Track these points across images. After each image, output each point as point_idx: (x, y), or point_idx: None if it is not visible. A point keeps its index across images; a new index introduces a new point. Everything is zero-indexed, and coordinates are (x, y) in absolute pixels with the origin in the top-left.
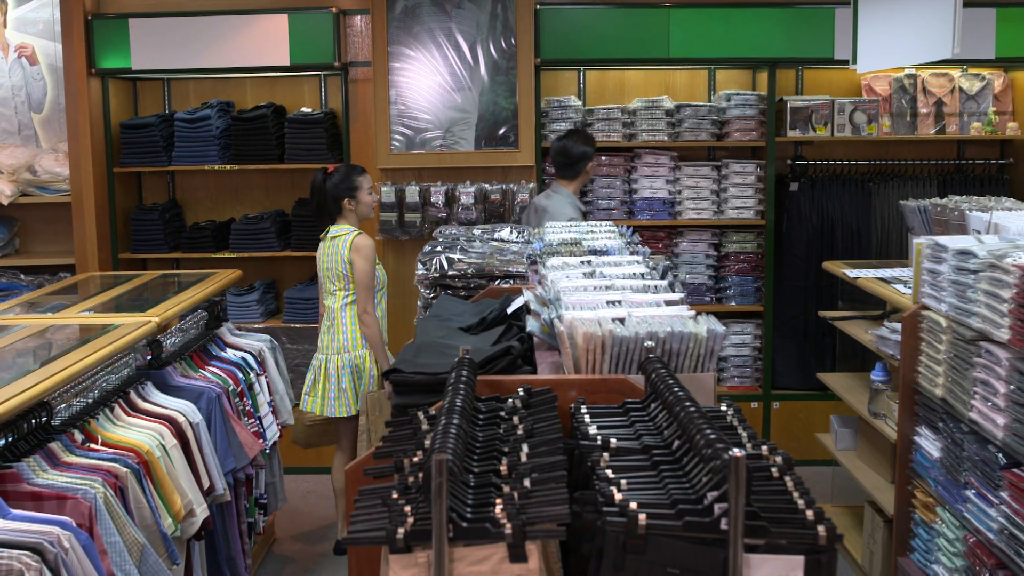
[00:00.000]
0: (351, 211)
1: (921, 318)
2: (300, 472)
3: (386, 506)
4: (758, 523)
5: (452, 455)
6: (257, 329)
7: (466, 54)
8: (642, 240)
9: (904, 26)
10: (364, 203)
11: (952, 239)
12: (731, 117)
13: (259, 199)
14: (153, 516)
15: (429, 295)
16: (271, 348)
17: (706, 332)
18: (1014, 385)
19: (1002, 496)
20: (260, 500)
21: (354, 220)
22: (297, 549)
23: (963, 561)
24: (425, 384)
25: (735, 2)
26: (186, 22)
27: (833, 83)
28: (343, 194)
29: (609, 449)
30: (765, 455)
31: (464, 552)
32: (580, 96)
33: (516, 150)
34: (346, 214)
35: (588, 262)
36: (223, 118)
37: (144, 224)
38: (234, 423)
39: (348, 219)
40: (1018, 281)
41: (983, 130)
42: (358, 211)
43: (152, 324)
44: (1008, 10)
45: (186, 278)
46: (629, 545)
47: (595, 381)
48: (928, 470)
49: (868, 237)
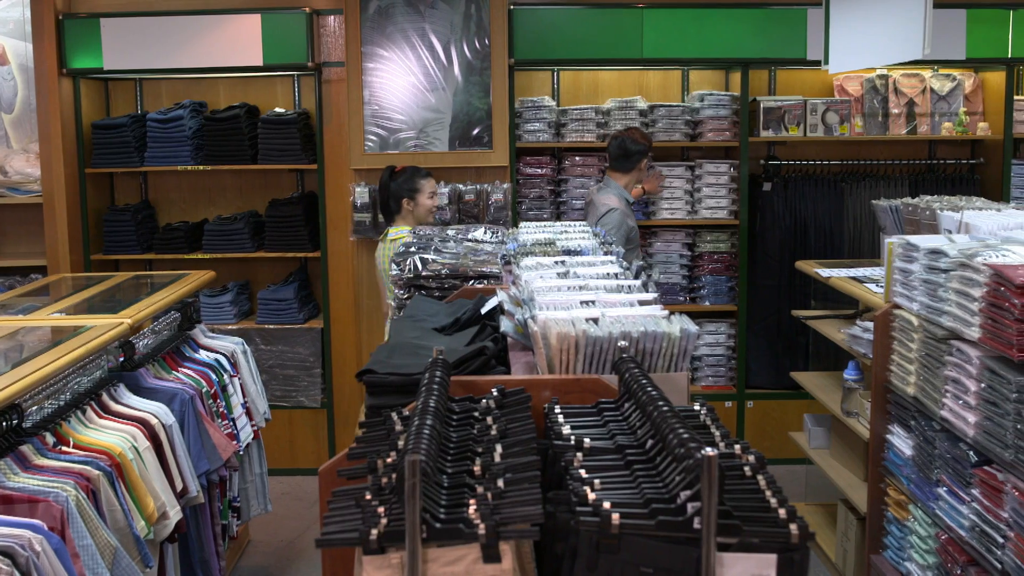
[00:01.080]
0: (409, 212)
1: (893, 317)
2: (275, 474)
3: (359, 507)
4: (731, 522)
5: (425, 456)
6: (231, 330)
7: (440, 54)
8: None
9: (875, 27)
10: (422, 205)
11: (923, 238)
12: (704, 117)
13: (232, 200)
14: (126, 519)
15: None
16: (244, 350)
17: (679, 332)
18: (985, 383)
19: (973, 493)
20: (234, 503)
21: (411, 222)
22: (272, 551)
23: (935, 558)
24: (399, 385)
25: (708, 3)
26: (158, 22)
27: (805, 83)
28: (404, 194)
29: (582, 449)
30: (738, 454)
31: (437, 553)
32: (554, 96)
33: (490, 150)
34: (404, 214)
35: (562, 262)
36: (196, 118)
37: (116, 225)
38: (207, 425)
39: (406, 220)
40: (988, 280)
41: (954, 130)
42: (416, 213)
43: (125, 326)
44: (978, 11)
45: (159, 279)
46: (602, 545)
47: (569, 381)
48: (900, 468)
49: (841, 237)
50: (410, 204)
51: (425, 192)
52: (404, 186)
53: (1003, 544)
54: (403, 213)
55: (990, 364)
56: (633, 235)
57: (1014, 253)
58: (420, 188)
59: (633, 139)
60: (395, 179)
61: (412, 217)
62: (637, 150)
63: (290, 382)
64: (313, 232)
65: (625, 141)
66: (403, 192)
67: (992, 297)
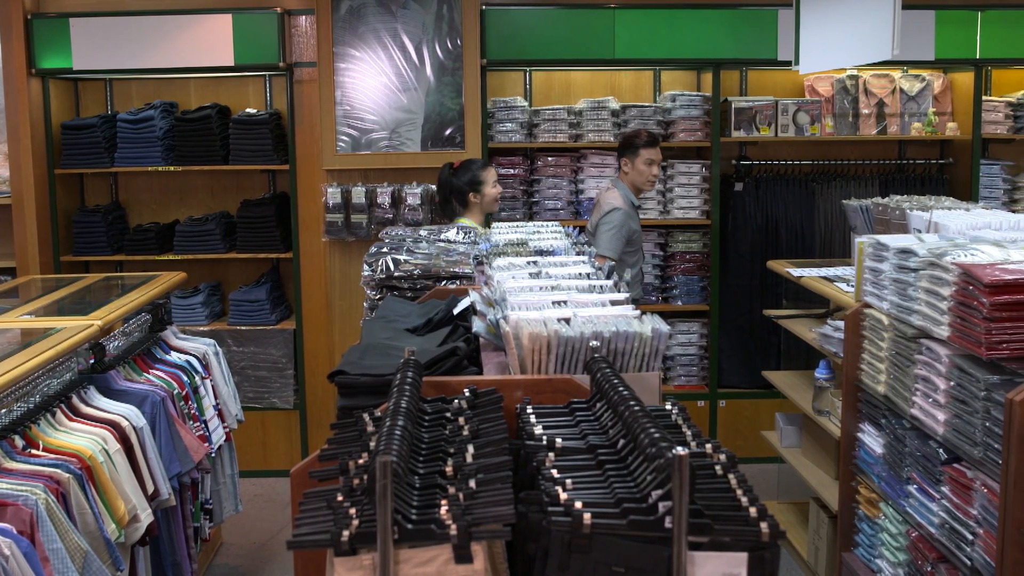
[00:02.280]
0: (476, 204)
1: (863, 316)
2: (248, 476)
3: (331, 509)
4: (702, 521)
5: (397, 457)
6: (202, 332)
7: (412, 55)
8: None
9: (845, 28)
10: (488, 195)
11: (893, 238)
12: (676, 118)
13: (203, 200)
14: (96, 522)
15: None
16: (215, 352)
17: (651, 331)
18: (954, 381)
19: (943, 491)
20: (206, 505)
21: (478, 213)
22: (244, 553)
23: (906, 555)
24: (371, 386)
25: (679, 3)
26: (128, 22)
27: (776, 84)
28: (469, 188)
29: (554, 449)
30: (709, 453)
31: (409, 554)
32: (526, 97)
33: (462, 151)
34: (471, 207)
35: (534, 262)
36: (166, 119)
37: (86, 226)
38: (179, 427)
39: (472, 213)
40: (957, 279)
41: (923, 130)
42: (483, 204)
43: (95, 327)
44: (946, 12)
45: (129, 281)
46: (574, 544)
47: (541, 381)
48: (871, 466)
49: (812, 236)
50: (476, 197)
51: (489, 182)
52: (468, 180)
53: (972, 541)
54: (470, 206)
55: (959, 362)
56: (635, 237)
57: (982, 252)
58: (484, 180)
59: (628, 136)
60: (456, 175)
61: (479, 209)
62: (626, 146)
63: (262, 383)
64: (285, 233)
65: (629, 134)
66: (468, 187)
67: (961, 296)
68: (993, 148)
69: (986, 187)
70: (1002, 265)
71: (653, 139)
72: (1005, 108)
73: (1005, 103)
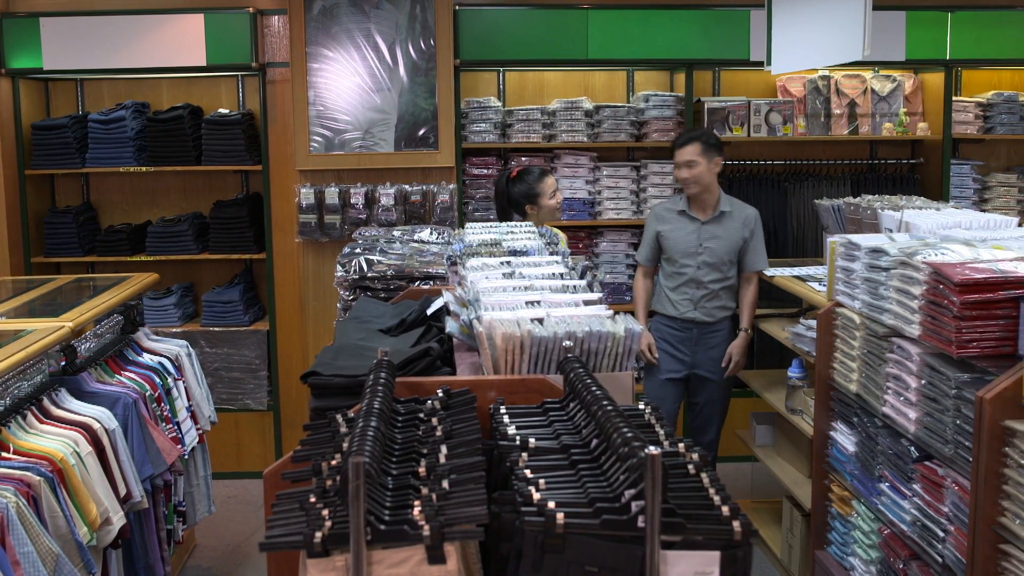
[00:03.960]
0: (534, 215)
1: (835, 315)
2: (221, 477)
3: (304, 510)
4: (675, 520)
5: (369, 458)
6: (175, 333)
7: (385, 55)
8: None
9: (816, 28)
10: (546, 208)
11: (865, 237)
12: (650, 118)
13: (176, 201)
14: (68, 525)
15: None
16: (188, 353)
17: (624, 331)
18: (925, 380)
19: (914, 488)
20: (179, 507)
21: (537, 222)
22: (218, 555)
23: (878, 553)
24: (344, 387)
25: (652, 4)
26: (99, 21)
27: (749, 84)
28: (526, 201)
29: (528, 449)
30: (682, 452)
31: (382, 555)
32: (500, 97)
33: (436, 151)
34: (530, 218)
35: (508, 263)
36: (138, 119)
37: (57, 227)
38: (151, 429)
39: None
40: (928, 278)
41: (894, 130)
42: (540, 215)
43: (66, 329)
44: (917, 13)
45: (101, 282)
46: (547, 544)
47: (514, 381)
48: (844, 464)
49: (784, 236)
50: (533, 209)
51: (546, 195)
52: (523, 193)
53: (944, 538)
54: (528, 217)
55: (930, 361)
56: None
57: (953, 252)
58: (541, 192)
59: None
60: (513, 184)
61: (537, 219)
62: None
63: (236, 385)
64: (258, 234)
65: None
66: (524, 199)
67: (931, 295)
68: (963, 148)
69: (956, 187)
70: (972, 264)
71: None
72: (975, 108)
73: (975, 103)
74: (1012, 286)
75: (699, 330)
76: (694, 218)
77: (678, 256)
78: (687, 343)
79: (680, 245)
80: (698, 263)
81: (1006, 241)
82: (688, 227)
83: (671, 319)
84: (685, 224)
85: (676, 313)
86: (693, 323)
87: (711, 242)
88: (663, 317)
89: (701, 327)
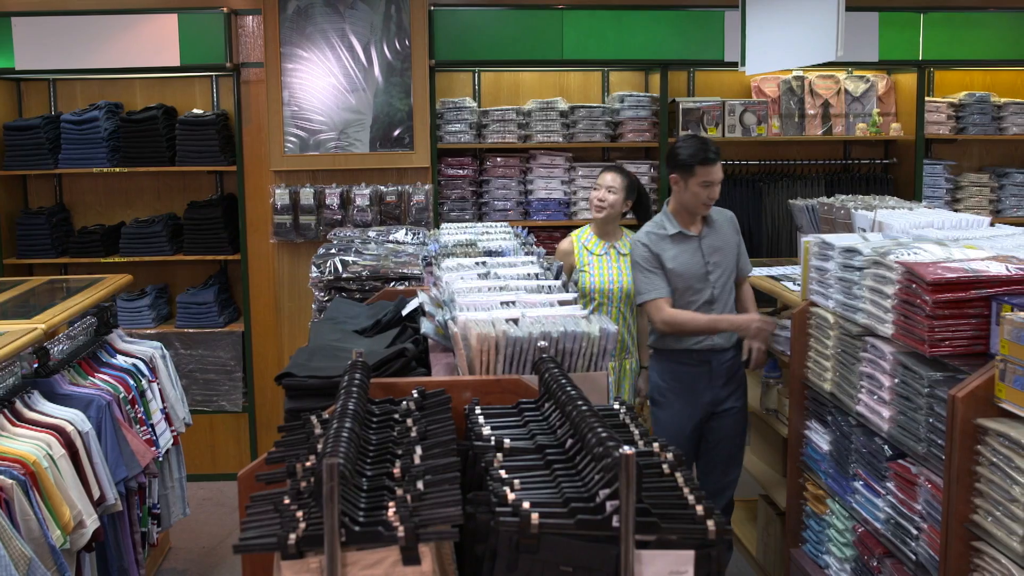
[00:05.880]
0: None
1: (810, 314)
2: (196, 479)
3: (278, 512)
4: (649, 519)
5: (343, 459)
6: (149, 335)
7: (360, 55)
8: (537, 240)
9: (790, 29)
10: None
11: (839, 237)
12: (624, 118)
13: (150, 202)
14: (41, 528)
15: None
16: (162, 355)
17: (598, 331)
18: (898, 378)
19: (888, 487)
20: (153, 510)
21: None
22: (193, 558)
23: (852, 551)
24: (318, 388)
25: (627, 5)
26: (72, 21)
27: (724, 85)
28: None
29: (503, 449)
30: (656, 452)
31: (357, 556)
32: (475, 97)
33: (411, 151)
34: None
35: (483, 263)
36: (111, 120)
37: (30, 229)
38: (125, 431)
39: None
40: (901, 278)
41: (868, 131)
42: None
43: (38, 331)
44: (890, 14)
45: (74, 283)
46: (522, 545)
47: (489, 382)
48: (818, 463)
49: (759, 236)
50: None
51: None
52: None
53: (917, 536)
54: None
55: (903, 360)
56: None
57: (925, 251)
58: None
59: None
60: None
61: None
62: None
63: (211, 386)
64: (233, 235)
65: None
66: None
67: (904, 294)
68: (936, 148)
69: (929, 186)
70: (944, 263)
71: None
72: (947, 109)
73: (947, 104)
74: (984, 285)
75: (716, 359)
76: (690, 236)
77: (693, 282)
78: (703, 378)
79: (691, 269)
80: (712, 282)
81: (978, 241)
82: (690, 247)
83: (686, 353)
84: (685, 246)
85: (691, 344)
86: (712, 352)
87: (715, 256)
88: (673, 354)
89: (718, 356)
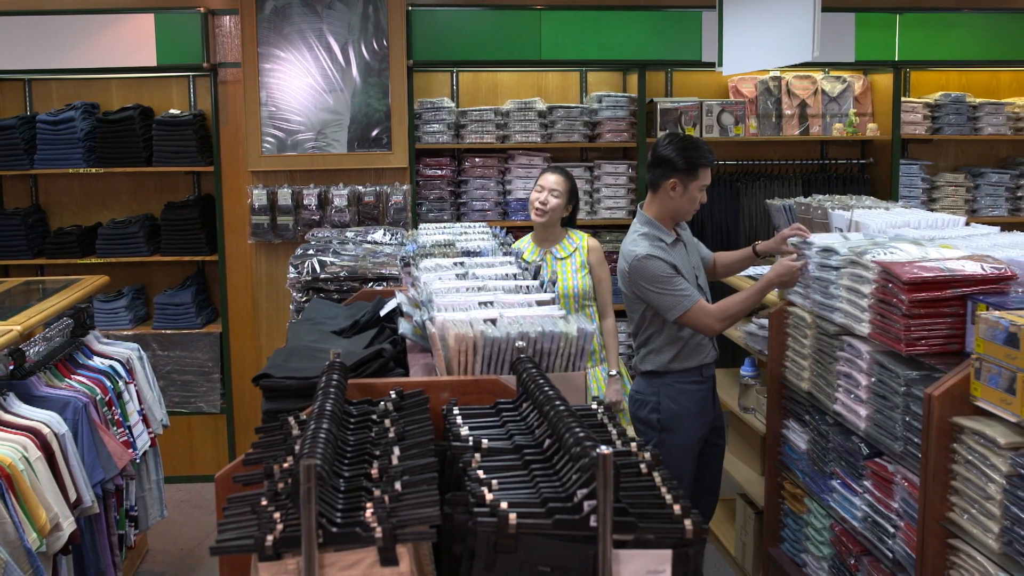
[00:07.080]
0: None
1: (787, 314)
2: (174, 481)
3: (255, 513)
4: (627, 519)
5: (321, 460)
6: (126, 336)
7: (338, 55)
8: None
9: (767, 30)
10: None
11: (816, 237)
12: (603, 118)
13: (126, 203)
14: (16, 531)
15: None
16: (139, 356)
17: (576, 331)
18: (875, 377)
19: (865, 485)
20: (131, 512)
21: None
22: (171, 560)
23: (830, 549)
24: (296, 389)
25: (605, 5)
26: (47, 21)
27: (701, 85)
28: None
29: (481, 450)
30: (634, 452)
31: (334, 557)
32: (453, 98)
33: (389, 152)
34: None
35: (461, 263)
36: (88, 120)
37: (5, 229)
38: (102, 433)
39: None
40: (877, 277)
41: (844, 131)
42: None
43: (14, 332)
44: (866, 15)
45: (51, 285)
46: (500, 545)
47: (467, 382)
48: (796, 462)
49: (737, 235)
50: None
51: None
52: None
53: (894, 534)
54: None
55: (879, 359)
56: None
57: (902, 251)
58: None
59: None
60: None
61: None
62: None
63: (188, 388)
64: (210, 235)
65: (657, 147)
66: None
67: (881, 293)
68: (912, 148)
69: (905, 186)
70: (920, 263)
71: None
72: (923, 109)
73: (923, 104)
74: (960, 284)
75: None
76: (679, 241)
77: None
78: (711, 395)
79: (689, 275)
80: (701, 284)
81: (954, 240)
82: (682, 253)
83: (696, 371)
84: (680, 252)
85: (701, 358)
86: (713, 365)
87: (694, 257)
88: (687, 373)
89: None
